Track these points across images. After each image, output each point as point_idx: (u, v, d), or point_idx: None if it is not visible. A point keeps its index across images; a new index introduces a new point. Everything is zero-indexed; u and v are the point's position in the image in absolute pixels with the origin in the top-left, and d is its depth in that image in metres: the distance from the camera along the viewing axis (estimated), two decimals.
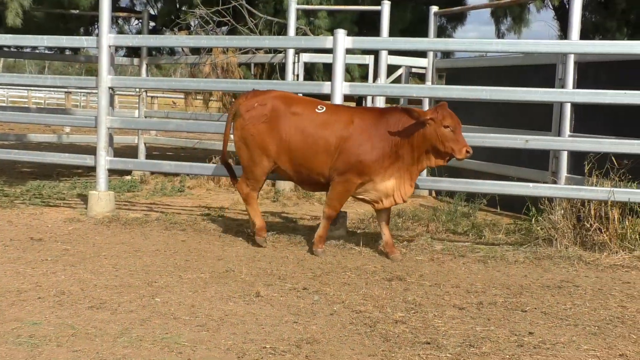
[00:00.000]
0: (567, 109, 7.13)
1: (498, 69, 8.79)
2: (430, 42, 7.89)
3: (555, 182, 7.17)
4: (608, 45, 6.57)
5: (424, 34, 9.34)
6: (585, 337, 4.01)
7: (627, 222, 6.05)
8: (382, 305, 4.48)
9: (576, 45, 6.53)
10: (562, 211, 6.38)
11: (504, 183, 6.63)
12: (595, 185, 6.27)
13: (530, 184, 6.51)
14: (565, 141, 6.86)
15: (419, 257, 5.90)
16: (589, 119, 7.23)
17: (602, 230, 6.09)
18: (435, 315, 4.32)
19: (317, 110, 5.99)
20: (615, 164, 6.28)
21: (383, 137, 5.81)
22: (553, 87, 7.15)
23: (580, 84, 7.04)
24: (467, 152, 5.71)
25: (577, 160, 6.93)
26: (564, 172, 7.24)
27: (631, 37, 11.48)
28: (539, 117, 7.79)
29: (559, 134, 7.26)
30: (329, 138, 5.88)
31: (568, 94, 6.52)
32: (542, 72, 7.60)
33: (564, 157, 7.23)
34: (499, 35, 13.86)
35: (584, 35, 11.68)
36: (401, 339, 3.86)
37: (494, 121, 8.49)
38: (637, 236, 6.04)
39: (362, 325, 4.08)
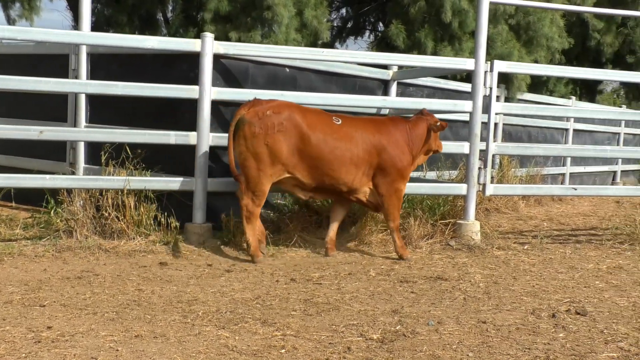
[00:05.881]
0: (82, 100, 7.15)
1: (10, 57, 8.39)
2: None
3: (74, 173, 7.16)
4: (119, 39, 6.71)
5: None
6: (104, 323, 4.10)
7: (142, 209, 6.35)
8: None
9: (86, 36, 6.53)
10: (82, 202, 6.41)
11: (19, 176, 6.37)
12: (112, 175, 6.44)
13: (47, 176, 6.37)
14: (80, 132, 6.89)
15: None
16: (105, 110, 7.34)
17: (120, 218, 6.30)
18: None
19: (334, 121, 6.05)
20: (130, 153, 6.55)
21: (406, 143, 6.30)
22: (68, 77, 7.09)
23: (94, 75, 7.10)
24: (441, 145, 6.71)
25: (96, 150, 7.00)
26: (82, 162, 7.24)
27: (141, 31, 11.94)
28: (55, 108, 7.67)
29: (75, 125, 7.24)
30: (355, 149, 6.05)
31: (81, 84, 6.54)
32: (58, 62, 7.48)
33: (81, 147, 7.23)
34: (10, 22, 13.17)
35: (99, 28, 11.84)
36: None
37: (9, 112, 8.11)
38: (152, 222, 6.39)
39: None
